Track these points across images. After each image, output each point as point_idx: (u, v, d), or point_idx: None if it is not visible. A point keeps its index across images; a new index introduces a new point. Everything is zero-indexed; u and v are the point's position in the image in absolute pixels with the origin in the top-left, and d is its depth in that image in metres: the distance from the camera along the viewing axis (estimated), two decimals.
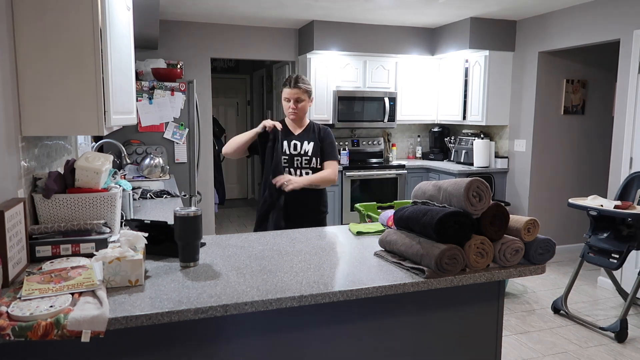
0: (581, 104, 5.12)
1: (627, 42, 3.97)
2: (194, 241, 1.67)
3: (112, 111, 1.85)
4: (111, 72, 1.86)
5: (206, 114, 5.37)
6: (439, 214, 1.58)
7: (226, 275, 1.59)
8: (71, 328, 1.20)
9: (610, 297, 3.99)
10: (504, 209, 1.66)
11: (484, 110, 5.14)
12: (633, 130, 3.92)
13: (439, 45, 5.59)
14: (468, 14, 4.92)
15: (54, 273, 1.47)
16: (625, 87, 3.98)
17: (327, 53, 5.29)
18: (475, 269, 1.64)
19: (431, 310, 1.76)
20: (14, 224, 1.51)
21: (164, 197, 3.11)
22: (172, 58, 5.05)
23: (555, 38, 4.65)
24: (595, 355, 3.04)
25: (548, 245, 1.71)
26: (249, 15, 4.93)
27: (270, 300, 1.40)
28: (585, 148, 5.23)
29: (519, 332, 3.36)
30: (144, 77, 4.28)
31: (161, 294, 1.41)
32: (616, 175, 4.06)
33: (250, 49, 5.51)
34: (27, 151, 1.82)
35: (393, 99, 5.54)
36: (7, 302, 1.28)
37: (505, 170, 5.31)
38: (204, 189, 5.32)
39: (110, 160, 2.00)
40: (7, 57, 1.62)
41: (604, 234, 3.37)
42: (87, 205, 1.87)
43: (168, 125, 4.17)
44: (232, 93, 8.07)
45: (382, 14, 4.90)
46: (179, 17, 5.10)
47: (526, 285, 4.26)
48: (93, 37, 1.72)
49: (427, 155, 6.12)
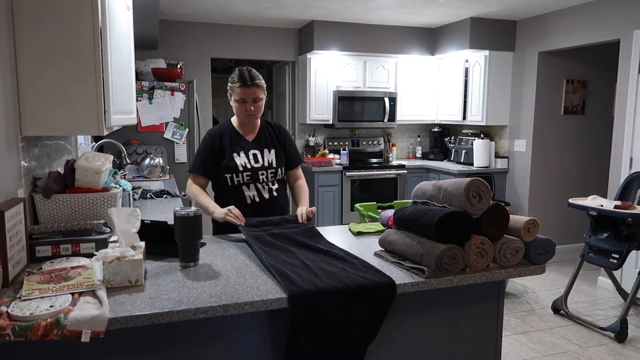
0: (581, 104, 5.12)
1: (627, 42, 3.97)
2: (194, 241, 1.67)
3: (112, 111, 1.85)
4: (111, 72, 1.86)
5: (206, 114, 5.37)
6: (439, 214, 1.58)
7: (226, 275, 1.59)
8: (71, 328, 1.20)
9: (610, 297, 3.99)
10: (504, 209, 1.66)
11: (484, 110, 5.14)
12: (633, 130, 3.92)
13: (439, 45, 5.59)
14: (468, 14, 4.92)
15: (54, 273, 1.47)
16: (625, 87, 3.98)
17: (327, 53, 5.29)
18: (475, 269, 1.64)
19: (431, 310, 1.76)
20: (14, 224, 1.51)
21: (164, 197, 3.11)
22: (172, 58, 5.05)
23: (555, 38, 4.65)
24: (595, 355, 3.04)
25: (548, 245, 1.71)
26: (249, 15, 4.93)
27: (270, 300, 1.40)
28: (585, 148, 5.23)
29: (519, 332, 3.36)
30: (144, 77, 4.27)
31: (161, 294, 1.41)
32: (616, 175, 4.06)
33: (250, 49, 5.51)
34: (27, 151, 1.82)
35: (393, 99, 5.54)
36: (7, 302, 1.28)
37: (505, 170, 5.31)
38: None
39: (110, 160, 2.00)
40: (7, 57, 1.62)
41: (604, 234, 3.37)
42: (87, 205, 1.87)
43: (168, 125, 4.17)
44: None
45: (382, 14, 4.91)
46: (179, 17, 5.10)
47: (526, 285, 4.26)
48: (93, 37, 1.72)
49: (427, 155, 6.12)
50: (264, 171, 2.31)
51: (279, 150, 2.37)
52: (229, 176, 2.28)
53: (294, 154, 2.43)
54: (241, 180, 2.28)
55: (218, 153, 2.29)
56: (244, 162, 2.29)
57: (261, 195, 2.32)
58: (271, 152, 2.35)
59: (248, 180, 2.29)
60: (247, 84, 2.23)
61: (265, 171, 2.32)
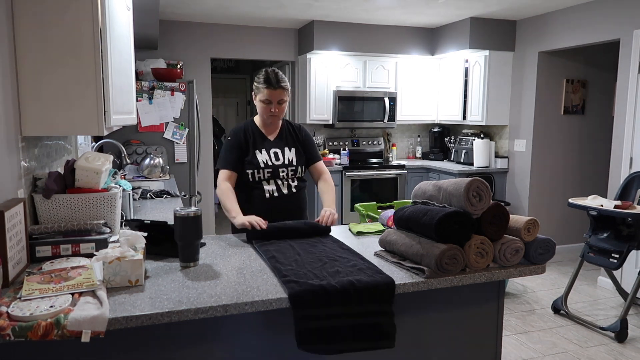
0: (581, 104, 5.12)
1: (627, 42, 3.97)
2: (194, 241, 1.67)
3: (112, 111, 1.85)
4: (111, 72, 1.86)
5: (206, 114, 5.37)
6: (439, 214, 1.58)
7: (226, 275, 1.59)
8: (71, 328, 1.20)
9: (610, 297, 3.99)
10: (504, 209, 1.66)
11: (484, 110, 5.14)
12: (633, 130, 3.92)
13: (439, 45, 5.59)
14: (468, 14, 4.92)
15: (54, 273, 1.47)
16: (625, 87, 3.98)
17: (327, 53, 5.29)
18: (475, 269, 1.64)
19: (431, 310, 1.76)
20: (14, 224, 1.51)
21: (164, 197, 3.11)
22: (172, 58, 5.06)
23: (555, 38, 4.65)
24: (595, 355, 3.04)
25: (548, 245, 1.71)
26: (249, 15, 4.93)
27: (270, 300, 1.40)
28: (585, 148, 5.23)
29: (519, 332, 3.36)
30: (144, 77, 4.28)
31: (161, 294, 1.41)
32: (616, 175, 4.06)
33: (250, 49, 5.51)
34: (27, 151, 1.82)
35: (393, 99, 5.54)
36: (7, 302, 1.28)
37: (505, 170, 5.31)
38: (204, 189, 5.32)
39: (110, 160, 2.00)
40: (7, 58, 1.62)
41: (604, 234, 3.37)
42: (87, 205, 1.87)
43: (168, 125, 4.17)
44: (232, 93, 8.06)
45: (382, 14, 4.90)
46: (179, 17, 5.10)
47: (526, 285, 4.26)
48: (93, 37, 1.72)
49: (427, 155, 6.12)
50: (284, 168, 2.38)
51: (299, 149, 2.44)
52: (251, 172, 2.34)
53: (313, 152, 2.49)
54: (262, 176, 2.35)
55: (244, 148, 2.36)
56: (266, 159, 2.36)
57: (280, 191, 2.37)
58: (291, 151, 2.42)
59: (268, 177, 2.36)
60: (274, 86, 2.29)
61: (286, 169, 2.38)
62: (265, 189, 2.35)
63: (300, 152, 2.44)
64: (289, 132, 2.46)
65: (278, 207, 2.33)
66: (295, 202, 2.42)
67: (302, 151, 2.45)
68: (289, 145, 2.42)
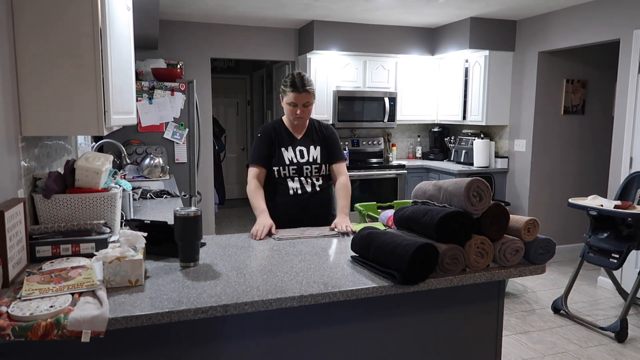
0: (581, 104, 5.12)
1: (627, 42, 3.97)
2: (194, 241, 1.67)
3: (112, 111, 1.85)
4: (111, 72, 1.86)
5: (206, 114, 5.37)
6: (440, 214, 1.58)
7: (226, 275, 1.59)
8: (71, 328, 1.20)
9: (610, 297, 3.99)
10: (504, 209, 1.66)
11: (484, 110, 5.14)
12: (633, 130, 3.92)
13: (439, 45, 5.59)
14: (468, 14, 4.92)
15: (54, 273, 1.47)
16: (625, 87, 3.98)
17: (327, 53, 5.29)
18: (475, 269, 1.64)
19: (431, 310, 1.76)
20: (14, 224, 1.51)
21: (164, 197, 3.11)
22: (172, 58, 5.05)
23: (555, 38, 4.65)
24: (595, 355, 3.04)
25: (548, 245, 1.71)
26: (248, 15, 4.93)
27: (270, 300, 1.40)
28: (585, 148, 5.23)
29: (519, 332, 3.36)
30: (144, 77, 4.27)
31: (161, 294, 1.41)
32: (616, 175, 4.06)
33: (250, 49, 5.51)
34: (27, 151, 1.82)
35: (393, 99, 5.54)
36: (7, 302, 1.27)
37: (505, 170, 5.31)
38: (204, 189, 5.32)
39: (110, 160, 1.99)
40: (7, 58, 1.62)
41: (604, 234, 3.37)
42: (87, 205, 1.87)
43: (168, 125, 4.17)
44: (232, 93, 8.06)
45: (382, 14, 4.90)
46: (179, 17, 5.10)
47: (526, 285, 4.26)
48: (93, 37, 1.71)
49: (427, 155, 6.12)
50: (309, 166, 2.44)
51: (323, 147, 2.49)
52: (277, 169, 2.42)
53: (336, 150, 2.52)
54: (287, 173, 2.42)
55: (272, 145, 2.44)
56: (291, 156, 2.43)
57: (304, 189, 2.43)
58: (316, 149, 2.48)
59: (293, 174, 2.43)
60: (299, 90, 2.34)
61: (310, 166, 2.45)
62: (289, 186, 2.42)
63: (325, 151, 2.49)
64: (315, 131, 2.52)
65: (301, 204, 2.41)
66: (320, 201, 2.47)
67: (327, 150, 2.50)
68: (314, 143, 2.49)
